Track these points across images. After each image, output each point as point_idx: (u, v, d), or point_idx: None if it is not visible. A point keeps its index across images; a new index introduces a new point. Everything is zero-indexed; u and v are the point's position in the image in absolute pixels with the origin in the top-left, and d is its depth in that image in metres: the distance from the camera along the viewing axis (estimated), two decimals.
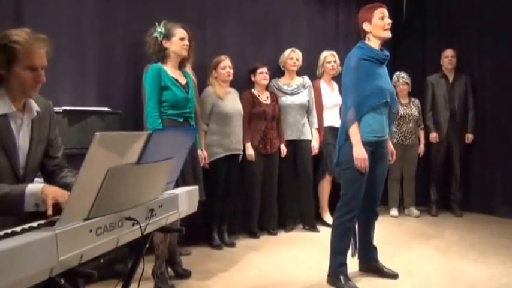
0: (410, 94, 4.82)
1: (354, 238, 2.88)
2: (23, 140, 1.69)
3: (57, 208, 1.45)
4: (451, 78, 4.78)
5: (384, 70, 2.79)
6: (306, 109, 4.21)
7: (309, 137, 4.21)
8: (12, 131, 1.65)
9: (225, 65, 3.69)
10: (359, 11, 2.85)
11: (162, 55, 2.81)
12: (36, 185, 1.52)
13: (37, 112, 1.74)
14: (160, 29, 2.79)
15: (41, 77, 1.65)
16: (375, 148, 2.74)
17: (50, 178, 1.83)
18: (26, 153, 1.70)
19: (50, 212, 1.42)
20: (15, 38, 1.58)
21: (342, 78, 2.80)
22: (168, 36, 2.79)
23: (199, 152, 3.22)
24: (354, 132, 2.65)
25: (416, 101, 4.82)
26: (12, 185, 1.55)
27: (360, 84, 2.66)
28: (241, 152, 3.83)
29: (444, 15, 5.11)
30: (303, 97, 4.18)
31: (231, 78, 3.74)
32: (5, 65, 1.59)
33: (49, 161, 1.83)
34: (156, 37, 2.79)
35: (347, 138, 2.69)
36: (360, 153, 2.64)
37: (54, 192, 1.50)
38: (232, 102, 3.73)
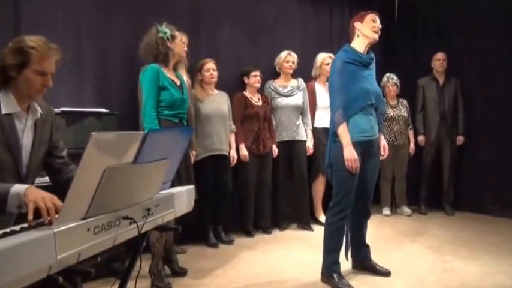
0: (399, 95, 4.88)
1: (346, 241, 2.91)
2: (26, 139, 1.74)
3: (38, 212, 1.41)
4: (441, 81, 4.85)
5: (370, 72, 2.82)
6: (300, 110, 4.26)
7: (303, 138, 4.25)
8: (16, 130, 1.70)
9: (209, 67, 3.72)
10: (352, 13, 2.92)
11: (166, 56, 2.80)
12: (21, 186, 1.49)
13: (40, 114, 1.79)
14: (165, 29, 2.80)
15: (49, 82, 1.72)
16: (364, 148, 2.77)
17: (57, 175, 1.88)
18: (29, 152, 1.74)
19: (30, 216, 1.36)
20: (32, 43, 1.65)
21: (329, 81, 2.86)
22: (172, 37, 2.82)
23: (192, 152, 3.29)
24: (344, 133, 2.69)
25: (405, 102, 4.88)
26: (0, 184, 1.54)
27: (345, 87, 2.70)
28: (226, 153, 3.82)
29: (435, 19, 5.17)
30: (297, 99, 4.23)
31: (214, 80, 3.77)
32: (17, 67, 1.65)
33: (55, 160, 1.88)
34: (162, 37, 2.79)
35: (336, 140, 2.73)
36: (350, 154, 2.66)
37: (35, 196, 1.42)
38: (212, 104, 3.76)
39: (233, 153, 3.91)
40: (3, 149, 1.64)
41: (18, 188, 1.48)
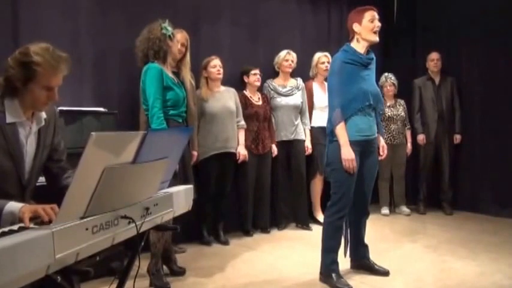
0: (397, 95, 4.89)
1: (345, 238, 2.91)
2: (30, 147, 1.73)
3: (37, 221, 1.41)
4: (437, 81, 4.86)
5: (369, 72, 2.81)
6: (299, 110, 4.26)
7: (302, 137, 4.25)
8: (20, 139, 1.69)
9: (215, 64, 3.73)
10: (350, 11, 2.90)
11: (165, 53, 2.80)
12: (16, 204, 1.48)
13: (44, 120, 1.78)
14: (168, 27, 2.79)
15: (54, 96, 1.70)
16: (363, 148, 2.78)
17: (54, 179, 1.86)
18: (32, 159, 1.74)
19: (27, 224, 1.36)
20: (38, 59, 1.59)
21: (327, 81, 2.87)
22: (173, 35, 2.83)
23: (192, 151, 3.28)
24: (341, 133, 2.69)
25: (402, 102, 4.89)
26: None
27: (343, 88, 2.70)
28: (233, 150, 3.81)
29: (433, 19, 5.17)
30: (296, 98, 4.23)
31: (221, 76, 3.77)
32: (22, 80, 1.62)
33: (54, 164, 1.86)
34: (165, 34, 2.77)
35: (333, 139, 2.73)
36: (347, 154, 2.66)
37: (31, 208, 1.45)
38: (218, 102, 3.75)
39: (240, 149, 3.87)
40: (5, 157, 1.64)
41: (13, 206, 1.47)
